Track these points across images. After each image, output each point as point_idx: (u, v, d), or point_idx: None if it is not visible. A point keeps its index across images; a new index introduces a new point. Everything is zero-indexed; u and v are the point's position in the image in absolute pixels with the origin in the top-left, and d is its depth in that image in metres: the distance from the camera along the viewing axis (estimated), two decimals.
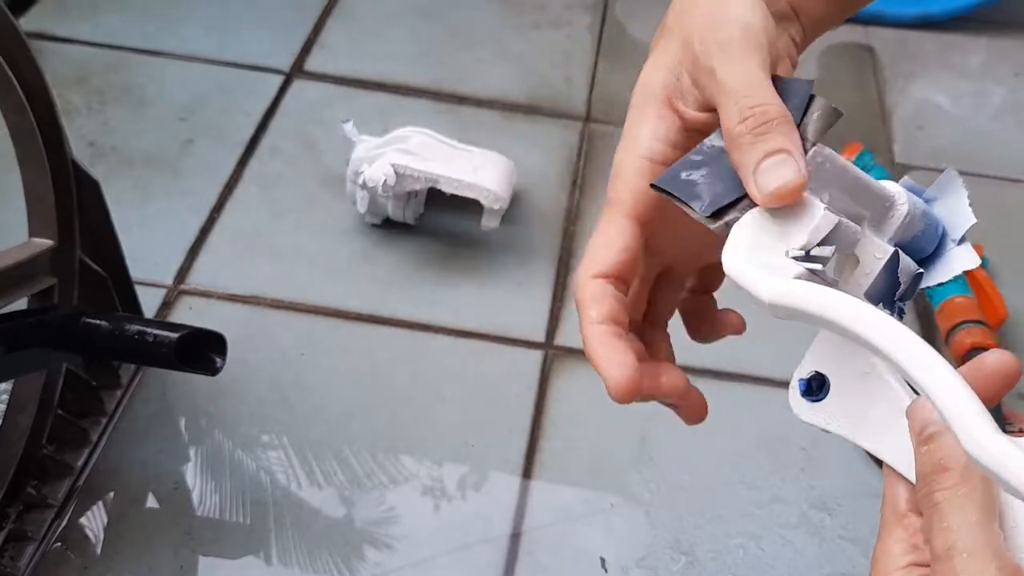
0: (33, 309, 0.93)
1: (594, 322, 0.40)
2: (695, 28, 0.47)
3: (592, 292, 0.41)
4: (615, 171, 0.51)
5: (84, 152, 1.41)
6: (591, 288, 0.42)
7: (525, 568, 1.02)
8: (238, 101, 1.53)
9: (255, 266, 1.29)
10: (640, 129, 0.50)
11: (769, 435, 1.15)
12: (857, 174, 0.40)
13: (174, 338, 0.92)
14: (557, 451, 1.12)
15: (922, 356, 0.31)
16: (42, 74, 0.85)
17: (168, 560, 1.00)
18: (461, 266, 1.31)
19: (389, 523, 1.04)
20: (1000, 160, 1.57)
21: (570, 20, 1.78)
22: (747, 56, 0.41)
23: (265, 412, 1.13)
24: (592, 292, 0.41)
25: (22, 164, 0.89)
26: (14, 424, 0.97)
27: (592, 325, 0.40)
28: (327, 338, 1.21)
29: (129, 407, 1.12)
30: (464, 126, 1.52)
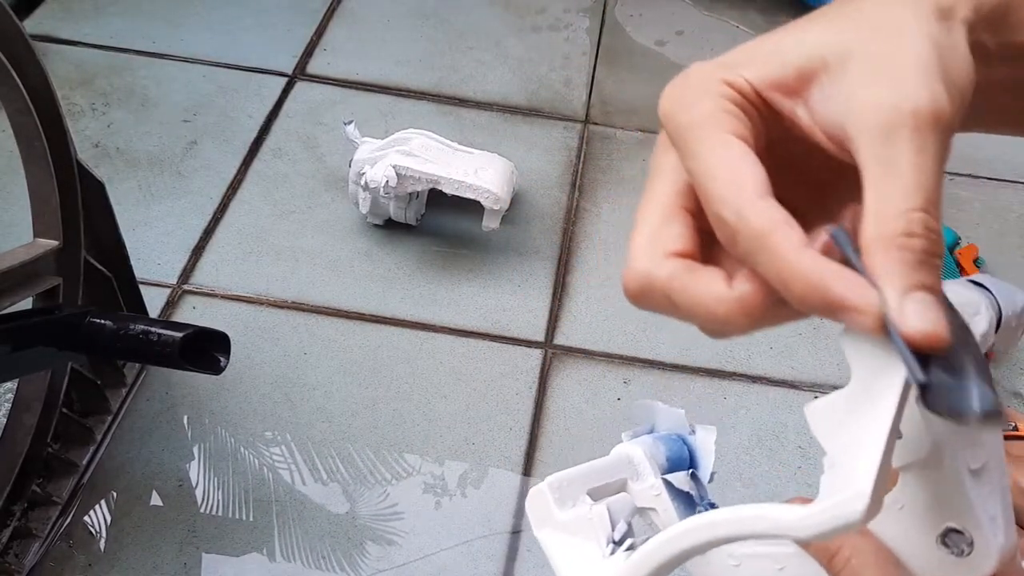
0: (38, 309, 0.94)
1: (803, 245, 0.28)
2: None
3: (776, 213, 0.28)
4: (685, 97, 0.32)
5: (89, 153, 1.42)
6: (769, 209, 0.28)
7: (525, 564, 1.03)
8: (241, 103, 1.54)
9: (258, 266, 1.30)
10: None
11: (766, 433, 1.16)
12: (594, 467, 0.44)
13: (178, 337, 0.93)
14: (557, 448, 1.13)
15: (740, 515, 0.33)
16: (47, 76, 0.86)
17: (172, 557, 1.01)
18: (462, 266, 1.32)
19: (391, 519, 1.05)
20: (994, 162, 1.58)
21: (570, 23, 1.79)
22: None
23: (268, 410, 1.14)
24: (776, 213, 0.28)
25: (27, 165, 0.90)
26: (19, 422, 0.98)
27: (803, 249, 0.28)
28: (329, 337, 1.22)
29: (133, 405, 1.13)
30: (465, 128, 1.53)
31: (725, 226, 0.29)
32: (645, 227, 0.32)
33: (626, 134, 1.56)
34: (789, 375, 1.22)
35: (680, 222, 0.31)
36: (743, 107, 0.30)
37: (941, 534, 0.35)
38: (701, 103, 0.30)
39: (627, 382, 1.20)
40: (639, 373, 1.21)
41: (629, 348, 1.24)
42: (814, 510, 0.30)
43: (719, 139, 0.29)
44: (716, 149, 0.29)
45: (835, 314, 0.27)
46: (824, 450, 0.31)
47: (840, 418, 0.31)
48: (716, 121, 0.30)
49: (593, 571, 0.38)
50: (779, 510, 0.30)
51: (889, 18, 0.29)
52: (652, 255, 0.31)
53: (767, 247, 0.28)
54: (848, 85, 0.29)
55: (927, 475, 0.35)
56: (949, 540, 0.34)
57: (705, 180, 0.29)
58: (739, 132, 0.30)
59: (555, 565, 0.39)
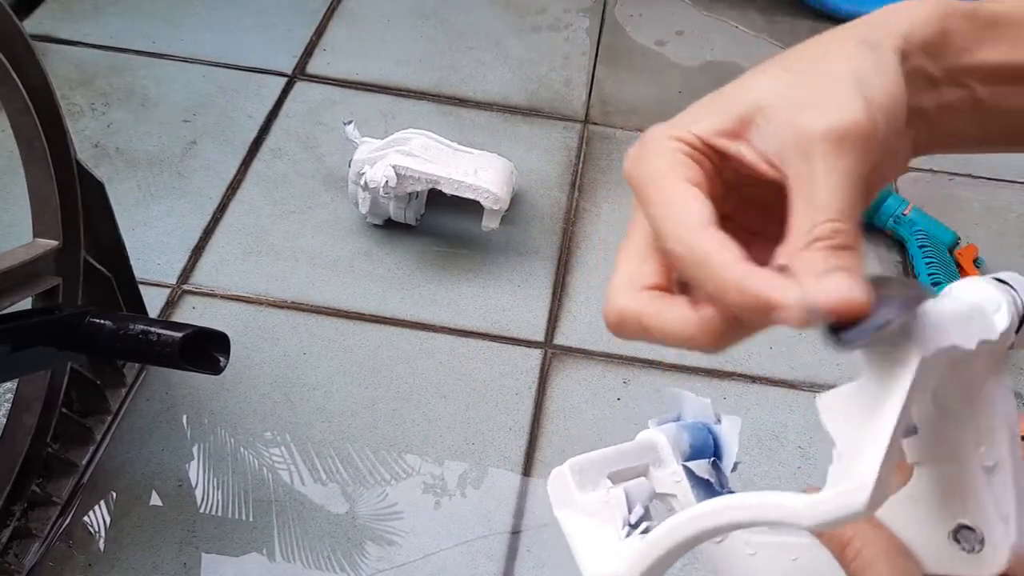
0: (38, 309, 0.94)
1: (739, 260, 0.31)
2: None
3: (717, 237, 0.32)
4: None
5: (88, 153, 1.42)
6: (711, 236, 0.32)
7: (525, 564, 1.03)
8: (241, 103, 1.54)
9: (258, 266, 1.30)
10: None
11: (766, 433, 1.16)
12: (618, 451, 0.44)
13: (178, 337, 0.93)
14: (557, 448, 1.13)
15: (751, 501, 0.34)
16: (46, 76, 0.86)
17: (172, 557, 1.01)
18: (462, 266, 1.32)
19: (391, 519, 1.05)
20: (994, 162, 1.58)
21: (569, 23, 1.79)
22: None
23: (268, 410, 1.14)
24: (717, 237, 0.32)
25: (26, 165, 0.90)
26: (19, 422, 0.98)
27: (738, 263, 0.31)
28: (329, 337, 1.22)
29: (133, 406, 1.13)
30: (464, 128, 1.53)
31: (678, 259, 0.32)
32: (622, 270, 0.36)
33: (626, 134, 1.55)
34: (789, 375, 1.22)
35: (653, 261, 0.36)
36: (693, 156, 0.34)
37: (953, 530, 0.35)
38: (655, 159, 0.35)
39: (627, 382, 1.20)
40: (639, 373, 1.21)
41: (629, 348, 1.24)
42: (820, 499, 0.31)
43: (670, 185, 0.34)
44: (667, 193, 0.33)
45: (767, 315, 0.30)
46: (833, 441, 0.32)
47: (849, 411, 0.32)
48: (670, 171, 0.34)
49: (608, 552, 0.39)
50: (789, 498, 0.31)
51: (816, 58, 0.34)
52: (627, 290, 0.35)
53: (708, 267, 0.31)
54: (777, 121, 0.33)
55: (941, 471, 0.36)
56: (961, 536, 0.35)
57: (660, 222, 0.33)
58: (691, 177, 0.34)
59: (572, 545, 0.40)
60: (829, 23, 0.42)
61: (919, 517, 0.37)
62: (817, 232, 0.31)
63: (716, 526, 0.34)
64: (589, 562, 0.39)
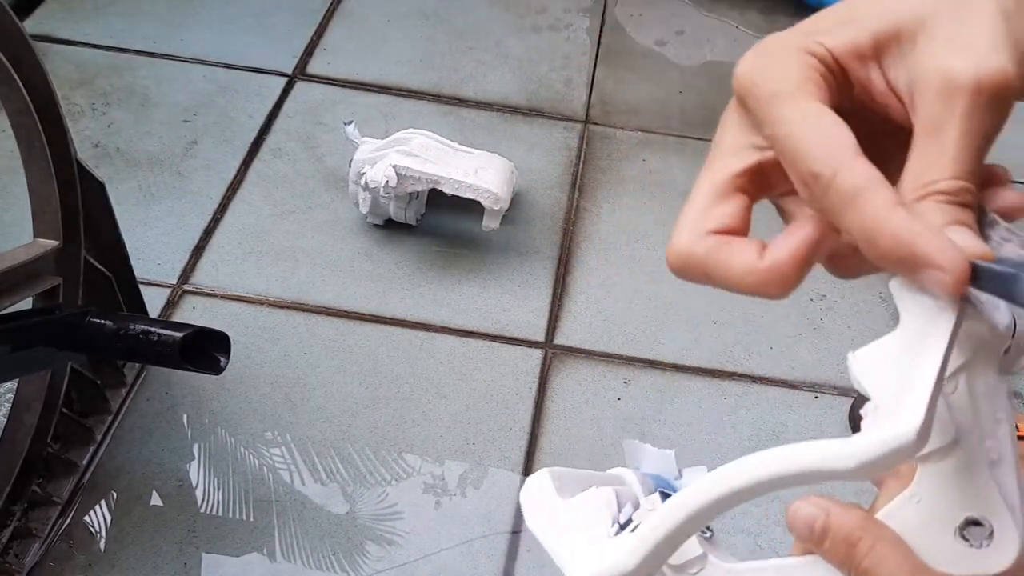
0: (38, 309, 0.94)
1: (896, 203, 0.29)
2: None
3: (872, 172, 0.29)
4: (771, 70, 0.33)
5: (89, 153, 1.42)
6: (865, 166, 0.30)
7: (525, 564, 1.03)
8: (241, 103, 1.54)
9: (258, 266, 1.30)
10: None
11: (766, 433, 1.16)
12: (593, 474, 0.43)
13: (178, 337, 0.93)
14: (557, 448, 1.13)
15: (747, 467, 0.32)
16: (47, 76, 0.86)
17: (172, 557, 1.01)
18: (462, 266, 1.32)
19: (391, 519, 1.05)
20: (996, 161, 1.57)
21: (570, 23, 1.79)
22: None
23: (268, 410, 1.14)
24: (872, 172, 0.29)
25: (27, 165, 0.90)
26: (19, 422, 0.98)
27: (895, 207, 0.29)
28: (329, 337, 1.22)
29: (133, 405, 1.13)
30: (465, 128, 1.53)
31: (817, 183, 0.30)
32: (694, 205, 0.34)
33: (626, 134, 1.55)
34: (789, 375, 1.22)
35: (731, 202, 0.33)
36: (824, 75, 0.31)
37: (960, 526, 0.35)
38: (785, 72, 0.31)
39: (627, 382, 1.20)
40: (639, 373, 1.21)
41: (629, 348, 1.24)
42: (863, 439, 0.29)
43: (808, 106, 0.31)
44: (807, 115, 0.30)
45: (915, 271, 0.29)
46: (869, 395, 0.31)
47: (888, 362, 0.31)
48: (802, 89, 0.31)
49: (599, 547, 0.37)
50: (829, 444, 0.30)
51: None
52: (693, 232, 0.33)
53: (859, 203, 0.29)
54: (919, 52, 0.30)
55: (946, 465, 0.35)
56: (968, 532, 0.34)
57: (796, 142, 0.30)
58: (824, 99, 0.31)
59: (554, 550, 0.38)
60: None
61: (924, 517, 0.36)
62: (943, 186, 0.29)
63: (741, 487, 0.32)
64: (578, 564, 0.37)
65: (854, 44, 0.31)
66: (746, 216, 0.33)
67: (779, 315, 1.29)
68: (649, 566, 0.35)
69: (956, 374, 0.34)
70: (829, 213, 0.30)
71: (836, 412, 1.19)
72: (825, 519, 0.35)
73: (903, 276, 0.30)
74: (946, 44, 0.30)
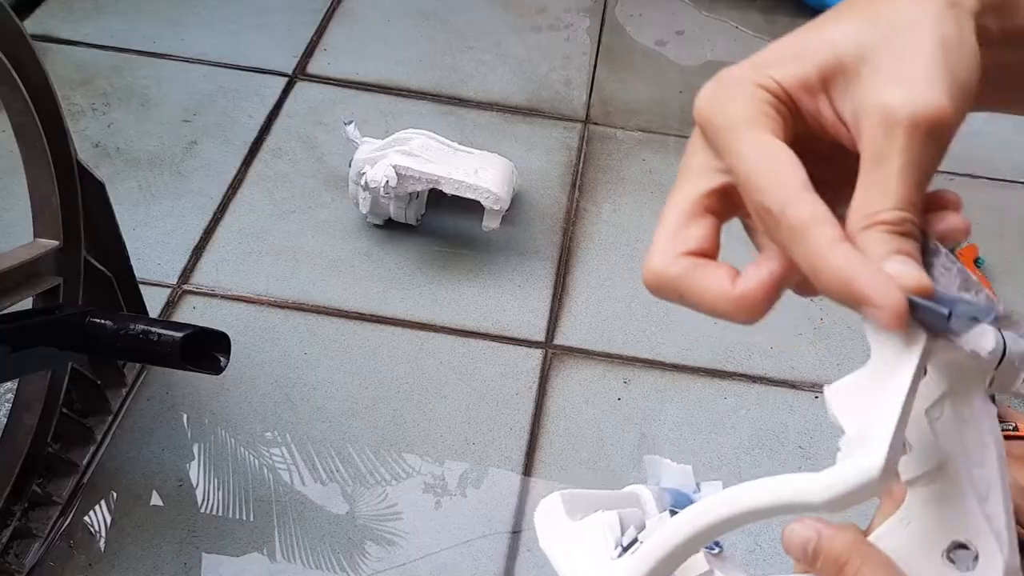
0: (38, 309, 0.94)
1: (838, 240, 0.30)
2: None
3: (818, 208, 0.30)
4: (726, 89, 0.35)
5: (89, 153, 1.42)
6: (811, 203, 0.31)
7: (525, 564, 1.03)
8: (242, 103, 1.54)
9: (258, 266, 1.30)
10: None
11: (766, 432, 1.16)
12: (606, 494, 0.45)
13: (179, 337, 0.93)
14: (557, 449, 1.13)
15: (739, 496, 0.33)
16: (47, 75, 0.86)
17: (172, 557, 1.01)
18: (462, 266, 1.32)
19: (391, 519, 1.05)
20: (995, 162, 1.58)
21: (570, 23, 1.79)
22: None
23: (268, 410, 1.14)
24: (818, 208, 0.30)
25: (27, 165, 0.90)
26: (19, 422, 0.98)
27: (837, 244, 0.30)
28: (329, 337, 1.22)
29: (133, 405, 1.13)
30: (465, 128, 1.53)
31: (768, 216, 0.31)
32: (666, 225, 0.35)
33: (626, 134, 1.55)
34: (789, 375, 1.22)
35: (701, 224, 0.34)
36: (775, 107, 0.32)
37: (947, 549, 0.35)
38: (738, 105, 0.32)
39: (627, 382, 1.20)
40: (639, 373, 1.21)
41: (629, 348, 1.24)
42: (832, 474, 0.30)
43: (760, 139, 0.32)
44: (759, 147, 0.32)
45: (856, 306, 0.30)
46: (842, 428, 0.32)
47: (858, 396, 0.32)
48: (755, 121, 0.32)
49: (600, 570, 0.38)
50: (798, 479, 0.31)
51: (901, 14, 0.32)
52: (666, 253, 0.34)
53: (805, 238, 0.30)
54: (861, 85, 0.31)
55: (934, 490, 0.36)
56: (955, 556, 0.35)
57: (750, 175, 0.31)
58: (775, 131, 0.32)
59: (561, 569, 0.39)
60: None
61: (913, 539, 0.37)
62: (885, 216, 0.30)
63: (726, 517, 0.33)
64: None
65: (802, 77, 0.33)
66: (716, 236, 0.34)
67: (779, 315, 1.29)
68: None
69: (941, 400, 0.35)
70: (780, 245, 0.32)
71: None
72: (817, 541, 0.37)
73: (839, 301, 0.31)
74: (885, 78, 0.31)
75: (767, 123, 0.32)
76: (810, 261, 0.30)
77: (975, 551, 0.35)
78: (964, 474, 0.35)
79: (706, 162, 0.34)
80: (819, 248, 0.30)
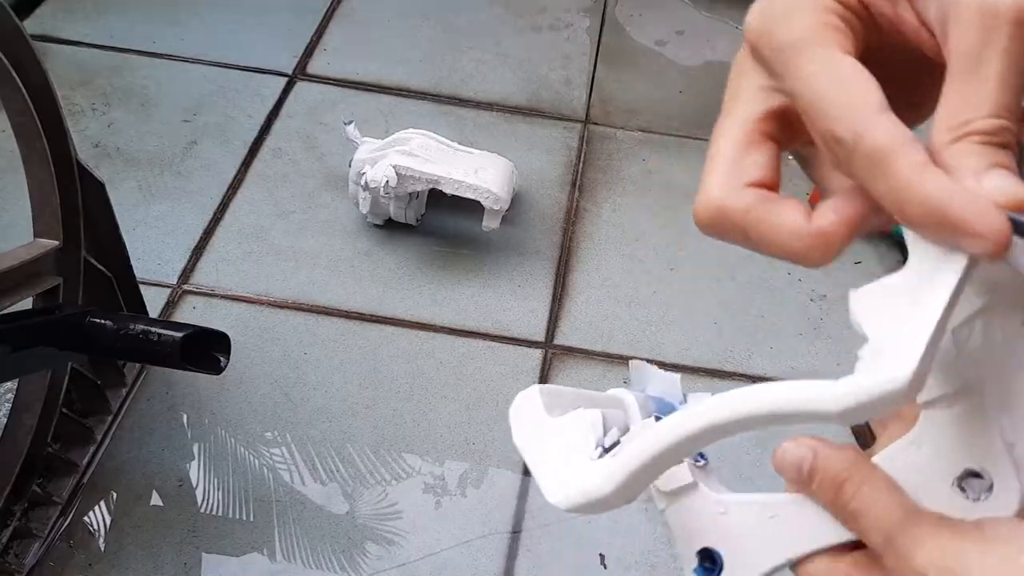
0: (38, 309, 0.94)
1: (925, 164, 0.26)
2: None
3: (899, 131, 0.27)
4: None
5: (89, 153, 1.42)
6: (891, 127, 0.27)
7: (525, 564, 1.03)
8: (241, 103, 1.54)
9: (258, 266, 1.30)
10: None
11: (766, 433, 1.16)
12: (589, 394, 0.41)
13: (179, 337, 0.93)
14: None
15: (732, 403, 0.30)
16: (47, 75, 0.86)
17: (172, 557, 1.01)
18: (462, 266, 1.32)
19: (391, 519, 1.05)
20: None
21: (570, 23, 1.79)
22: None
23: (268, 410, 1.14)
24: (899, 131, 0.27)
25: (27, 165, 0.90)
26: (19, 422, 0.98)
27: (926, 168, 0.26)
28: (329, 337, 1.22)
29: (134, 405, 1.13)
30: (465, 128, 1.53)
31: (840, 146, 0.27)
32: (722, 155, 0.31)
33: (626, 134, 1.55)
34: (789, 375, 1.22)
35: (761, 150, 0.30)
36: (845, 18, 0.29)
37: (958, 477, 0.33)
38: (802, 18, 0.28)
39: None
40: None
41: (629, 348, 1.24)
42: (852, 382, 0.27)
43: (828, 55, 0.28)
44: (827, 66, 0.28)
45: (952, 237, 0.26)
46: (865, 336, 0.29)
47: (889, 303, 0.29)
48: (821, 36, 0.28)
49: (580, 470, 0.35)
50: (814, 386, 0.28)
51: None
52: (728, 184, 0.30)
53: (886, 166, 0.27)
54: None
55: (952, 413, 0.33)
56: (966, 484, 0.33)
57: (816, 99, 0.28)
58: (845, 47, 0.28)
59: (535, 470, 0.36)
60: None
61: (921, 464, 0.34)
62: (979, 125, 0.27)
63: (726, 421, 0.30)
64: (555, 485, 0.35)
65: None
66: (778, 166, 0.30)
67: (779, 315, 1.29)
68: (625, 493, 0.34)
69: (972, 319, 0.32)
70: (856, 179, 0.28)
71: None
72: (813, 460, 0.34)
73: (942, 242, 0.27)
74: None
75: (836, 37, 0.28)
76: (895, 193, 0.27)
77: (990, 480, 0.32)
78: (988, 400, 0.32)
79: (759, 82, 0.31)
80: (904, 176, 0.26)
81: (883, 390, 0.27)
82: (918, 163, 0.26)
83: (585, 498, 0.34)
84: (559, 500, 0.34)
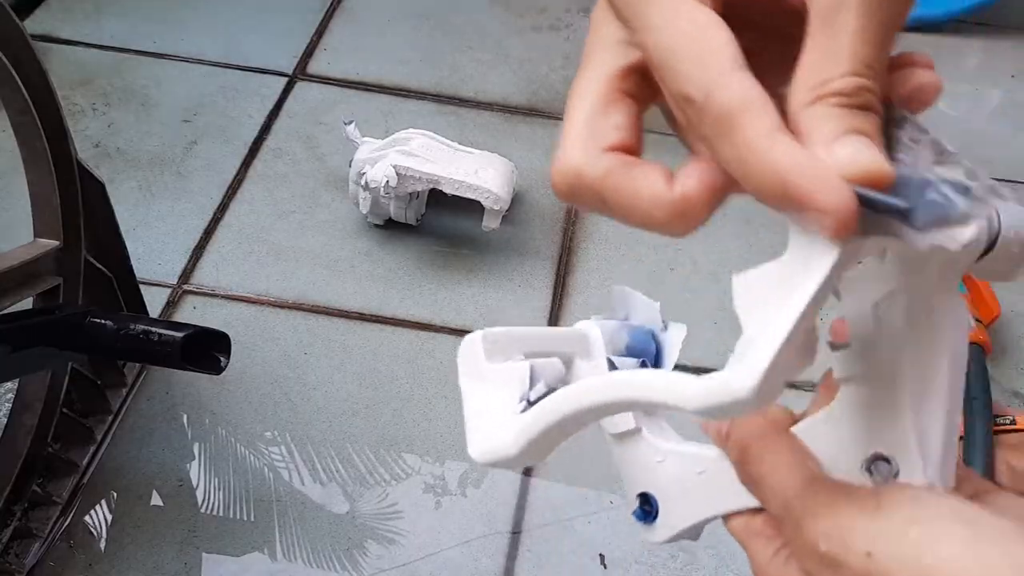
0: (39, 309, 0.94)
1: (775, 130, 0.23)
2: None
3: (751, 91, 0.24)
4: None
5: (89, 153, 1.42)
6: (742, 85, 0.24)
7: (525, 564, 1.03)
8: (242, 103, 1.54)
9: (259, 266, 1.30)
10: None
11: None
12: (542, 333, 0.41)
13: (179, 337, 0.93)
14: (557, 449, 1.13)
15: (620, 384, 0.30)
16: (47, 76, 0.86)
17: (172, 557, 1.01)
18: (462, 266, 1.32)
19: (391, 519, 1.05)
20: (997, 161, 1.58)
21: (570, 23, 1.79)
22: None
23: (268, 410, 1.14)
24: (751, 91, 0.24)
25: (27, 165, 0.90)
26: (19, 422, 0.98)
27: (774, 134, 0.23)
28: (330, 337, 1.22)
29: (133, 405, 1.13)
30: (465, 128, 1.53)
31: (690, 106, 0.25)
32: (580, 114, 0.29)
33: None
34: None
35: (620, 110, 0.28)
36: None
37: (868, 459, 0.33)
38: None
39: None
40: None
41: None
42: (707, 384, 0.27)
43: (679, 5, 0.25)
44: (677, 17, 0.25)
45: (796, 210, 0.24)
46: (742, 326, 0.27)
47: (764, 291, 0.27)
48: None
49: (498, 425, 0.35)
50: (681, 380, 0.27)
51: None
52: (586, 148, 0.28)
53: (732, 130, 0.24)
54: None
55: (866, 393, 0.33)
56: (874, 468, 0.32)
57: (666, 55, 0.25)
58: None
59: (466, 419, 0.36)
60: None
61: (835, 440, 0.34)
62: (837, 85, 0.24)
63: (604, 402, 0.30)
64: (477, 437, 0.35)
65: None
66: (638, 127, 0.28)
67: None
68: (531, 455, 0.34)
69: (893, 295, 0.31)
70: (706, 142, 0.25)
71: None
72: (728, 425, 0.35)
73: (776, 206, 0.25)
74: None
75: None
76: (739, 159, 0.24)
77: (896, 467, 0.31)
78: (904, 382, 0.31)
79: (616, 35, 0.28)
80: (749, 140, 0.23)
81: (730, 398, 0.26)
82: (767, 127, 0.24)
83: (494, 456, 0.34)
84: (475, 455, 0.35)
